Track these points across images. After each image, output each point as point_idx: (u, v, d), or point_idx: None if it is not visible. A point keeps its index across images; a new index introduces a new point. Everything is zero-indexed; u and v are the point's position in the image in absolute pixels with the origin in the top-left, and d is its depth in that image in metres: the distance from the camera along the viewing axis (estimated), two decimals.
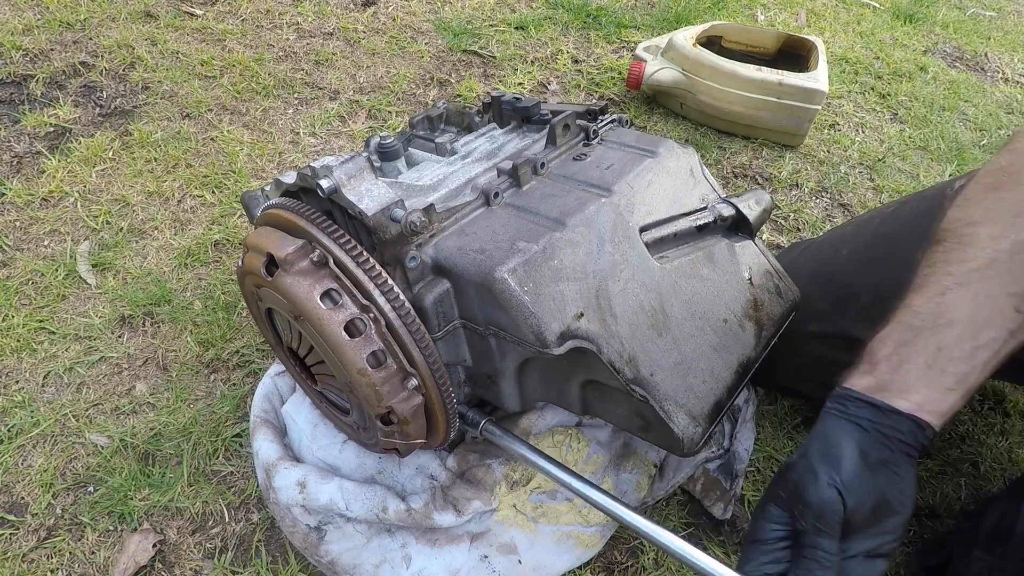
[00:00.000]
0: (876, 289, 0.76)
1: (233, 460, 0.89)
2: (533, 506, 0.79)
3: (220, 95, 1.50)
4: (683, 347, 0.68)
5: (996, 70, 2.04)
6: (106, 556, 0.80)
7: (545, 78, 1.68)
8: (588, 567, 0.81)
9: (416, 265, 0.61)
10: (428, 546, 0.75)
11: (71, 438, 0.90)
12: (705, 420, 0.66)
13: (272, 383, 0.90)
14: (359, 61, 1.66)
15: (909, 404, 0.53)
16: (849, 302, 0.80)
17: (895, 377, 0.54)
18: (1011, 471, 0.95)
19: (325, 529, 0.75)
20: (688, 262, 0.73)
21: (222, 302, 1.08)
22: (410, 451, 0.70)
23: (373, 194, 0.60)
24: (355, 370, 0.59)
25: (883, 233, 0.83)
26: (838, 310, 0.81)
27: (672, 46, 1.53)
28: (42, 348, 1.01)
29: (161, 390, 0.97)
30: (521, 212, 0.68)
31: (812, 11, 2.21)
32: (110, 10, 1.70)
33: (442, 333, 0.64)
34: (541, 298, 0.60)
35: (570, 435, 0.82)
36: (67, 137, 1.36)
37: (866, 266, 0.81)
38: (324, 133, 1.44)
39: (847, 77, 1.85)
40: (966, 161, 1.56)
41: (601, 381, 0.64)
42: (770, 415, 0.99)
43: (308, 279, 0.59)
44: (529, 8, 1.96)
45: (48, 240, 1.17)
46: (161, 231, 1.19)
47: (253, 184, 1.30)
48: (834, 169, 1.49)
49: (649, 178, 0.74)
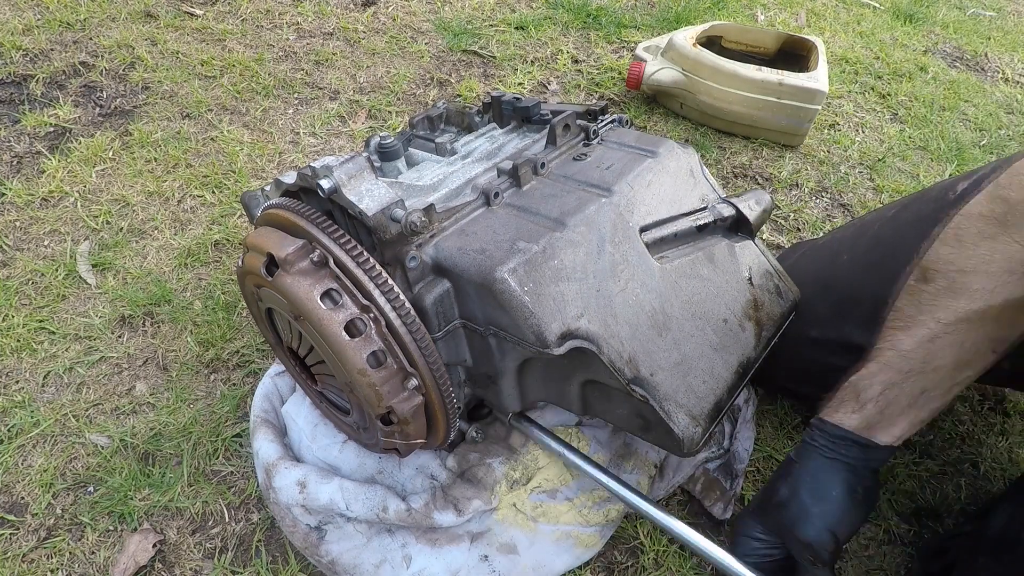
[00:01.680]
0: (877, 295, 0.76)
1: (233, 460, 0.89)
2: (533, 505, 0.79)
3: (220, 95, 1.50)
4: (683, 347, 0.68)
5: (996, 70, 2.04)
6: (106, 556, 0.80)
7: (545, 78, 1.68)
8: (588, 567, 0.81)
9: (416, 265, 0.61)
10: (428, 546, 0.75)
11: (71, 438, 0.90)
12: (705, 420, 0.66)
13: (272, 383, 0.90)
14: (359, 61, 1.66)
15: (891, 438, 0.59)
16: (850, 308, 0.80)
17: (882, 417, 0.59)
18: (1011, 471, 0.95)
19: (325, 529, 0.75)
20: (688, 262, 0.73)
21: (222, 302, 1.08)
22: (410, 451, 0.70)
23: (373, 194, 0.60)
24: (355, 370, 0.59)
25: (884, 238, 0.83)
26: (839, 316, 0.81)
27: (672, 46, 1.53)
28: (42, 348, 1.01)
29: (161, 390, 0.97)
30: (521, 212, 0.68)
31: (812, 11, 2.21)
32: (110, 10, 1.70)
33: (442, 333, 0.64)
34: (541, 298, 0.60)
35: (570, 435, 0.82)
36: (67, 137, 1.36)
37: (867, 271, 0.81)
38: (324, 133, 1.44)
39: (847, 77, 1.85)
40: (966, 161, 1.56)
41: (601, 381, 0.64)
42: (770, 415, 0.99)
43: (308, 279, 0.59)
44: (529, 8, 1.96)
45: (48, 240, 1.17)
46: (161, 231, 1.19)
47: (253, 184, 1.30)
48: (834, 169, 1.49)
49: (649, 178, 0.74)
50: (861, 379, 0.61)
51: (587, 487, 0.81)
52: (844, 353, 0.79)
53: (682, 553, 0.82)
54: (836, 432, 0.61)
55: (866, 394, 0.61)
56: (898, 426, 0.60)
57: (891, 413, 0.60)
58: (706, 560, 0.65)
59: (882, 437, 0.60)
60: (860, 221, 0.92)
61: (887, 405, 0.60)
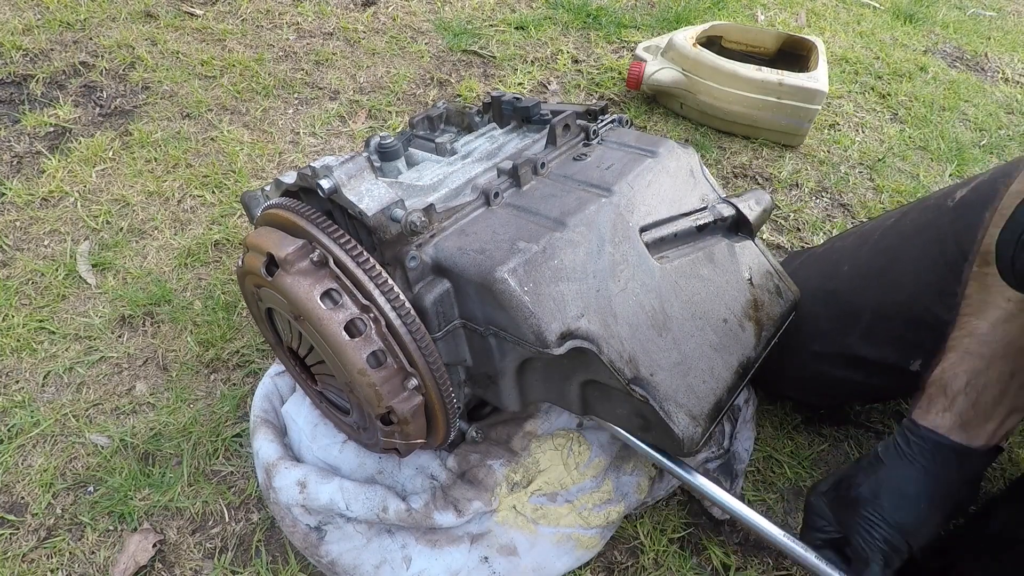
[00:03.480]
0: (878, 307, 0.77)
1: (233, 460, 0.89)
2: (533, 507, 0.79)
3: (220, 95, 1.50)
4: (683, 347, 0.68)
5: (996, 70, 2.04)
6: (106, 556, 0.80)
7: (545, 78, 1.68)
8: (588, 567, 0.81)
9: (416, 265, 0.61)
10: (428, 547, 0.75)
11: (71, 438, 0.90)
12: (705, 420, 0.66)
13: (272, 383, 0.90)
14: (359, 61, 1.66)
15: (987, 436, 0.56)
16: (852, 320, 0.80)
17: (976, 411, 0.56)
18: (1011, 471, 0.95)
19: (325, 529, 0.75)
20: (688, 262, 0.73)
21: (222, 302, 1.08)
22: (410, 451, 0.70)
23: (373, 194, 0.60)
24: (355, 370, 0.59)
25: (884, 247, 0.83)
26: (841, 329, 0.81)
27: (672, 46, 1.53)
28: (42, 348, 1.01)
29: (161, 390, 0.97)
30: (521, 212, 0.67)
31: (812, 11, 2.21)
32: (110, 10, 1.70)
33: (442, 333, 0.64)
34: (541, 298, 0.60)
35: (572, 438, 0.82)
36: (67, 137, 1.36)
37: (868, 283, 0.81)
38: (324, 133, 1.44)
39: (847, 77, 1.85)
40: (966, 161, 1.56)
41: (601, 381, 0.64)
42: (770, 415, 0.99)
43: (308, 279, 0.59)
44: (529, 8, 1.96)
45: (48, 240, 1.17)
46: (161, 231, 1.19)
47: (253, 184, 1.30)
48: (834, 169, 1.49)
49: (649, 178, 0.74)
50: (944, 372, 0.59)
51: (587, 489, 0.81)
52: (848, 366, 0.80)
53: (682, 553, 0.82)
54: (931, 437, 0.58)
55: (953, 386, 0.58)
56: (994, 419, 0.57)
57: (984, 403, 0.57)
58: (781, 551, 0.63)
59: (979, 436, 0.57)
60: (859, 230, 0.91)
61: (978, 395, 0.57)
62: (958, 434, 0.57)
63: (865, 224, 0.93)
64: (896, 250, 0.81)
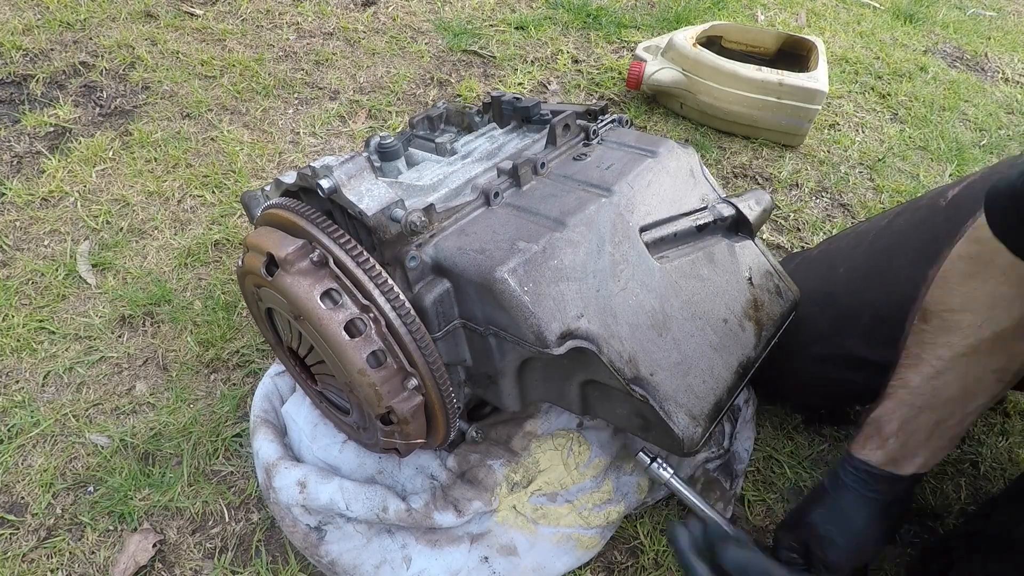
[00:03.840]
0: (876, 308, 0.80)
1: (233, 460, 0.89)
2: (533, 508, 0.79)
3: (220, 95, 1.50)
4: (683, 347, 0.68)
5: (996, 70, 2.04)
6: (106, 556, 0.80)
7: (545, 78, 1.68)
8: (588, 567, 0.81)
9: (416, 265, 0.61)
10: (428, 547, 0.75)
11: (71, 438, 0.90)
12: (705, 420, 0.66)
13: (272, 383, 0.90)
14: (359, 61, 1.66)
15: (914, 468, 0.65)
16: (850, 322, 0.81)
17: (904, 450, 0.65)
18: (1011, 471, 0.95)
19: (325, 529, 0.75)
20: (688, 262, 0.73)
21: (222, 302, 1.08)
22: (410, 451, 0.70)
23: (373, 194, 0.60)
24: (355, 370, 0.59)
25: (879, 248, 0.84)
26: (840, 331, 0.82)
27: (672, 46, 1.53)
28: (42, 348, 1.01)
29: (161, 390, 0.97)
30: (521, 212, 0.67)
31: (812, 11, 2.21)
32: (110, 10, 1.70)
33: (442, 333, 0.64)
34: (541, 298, 0.60)
35: (572, 439, 0.82)
36: (67, 137, 1.36)
37: (865, 284, 0.83)
38: (324, 133, 1.44)
39: (847, 77, 1.85)
40: (966, 161, 1.56)
41: (601, 381, 0.64)
42: (770, 415, 0.99)
43: (308, 279, 0.59)
44: (529, 8, 1.96)
45: (48, 240, 1.17)
46: (161, 231, 1.19)
47: (253, 184, 1.30)
48: (834, 169, 1.49)
49: (649, 178, 0.74)
50: (880, 416, 0.67)
51: (587, 489, 0.81)
52: (848, 367, 0.81)
53: None
54: (864, 467, 0.66)
55: (887, 429, 0.66)
56: (920, 456, 0.65)
57: (912, 445, 0.65)
58: None
59: (906, 468, 0.65)
60: (854, 231, 0.92)
61: (907, 438, 0.65)
62: (888, 466, 0.65)
63: (859, 226, 0.93)
64: (892, 251, 0.81)
